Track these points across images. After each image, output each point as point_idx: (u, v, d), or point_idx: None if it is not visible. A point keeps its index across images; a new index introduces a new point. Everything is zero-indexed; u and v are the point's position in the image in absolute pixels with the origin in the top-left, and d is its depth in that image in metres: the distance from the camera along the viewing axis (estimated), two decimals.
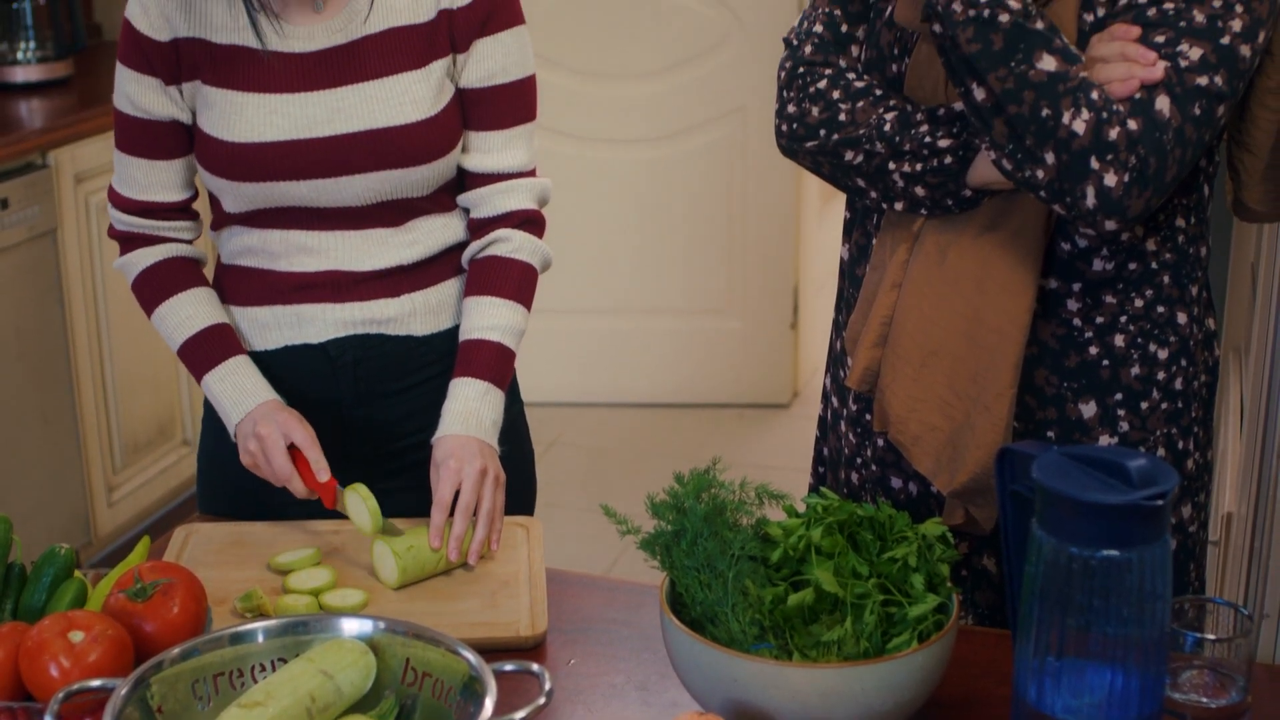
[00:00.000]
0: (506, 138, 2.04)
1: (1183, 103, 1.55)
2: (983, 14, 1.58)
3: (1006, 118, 1.58)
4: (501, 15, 2.00)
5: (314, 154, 1.95)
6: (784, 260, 4.77)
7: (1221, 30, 1.56)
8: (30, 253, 3.48)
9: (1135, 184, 1.55)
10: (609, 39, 4.63)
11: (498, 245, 2.04)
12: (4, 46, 3.98)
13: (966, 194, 1.70)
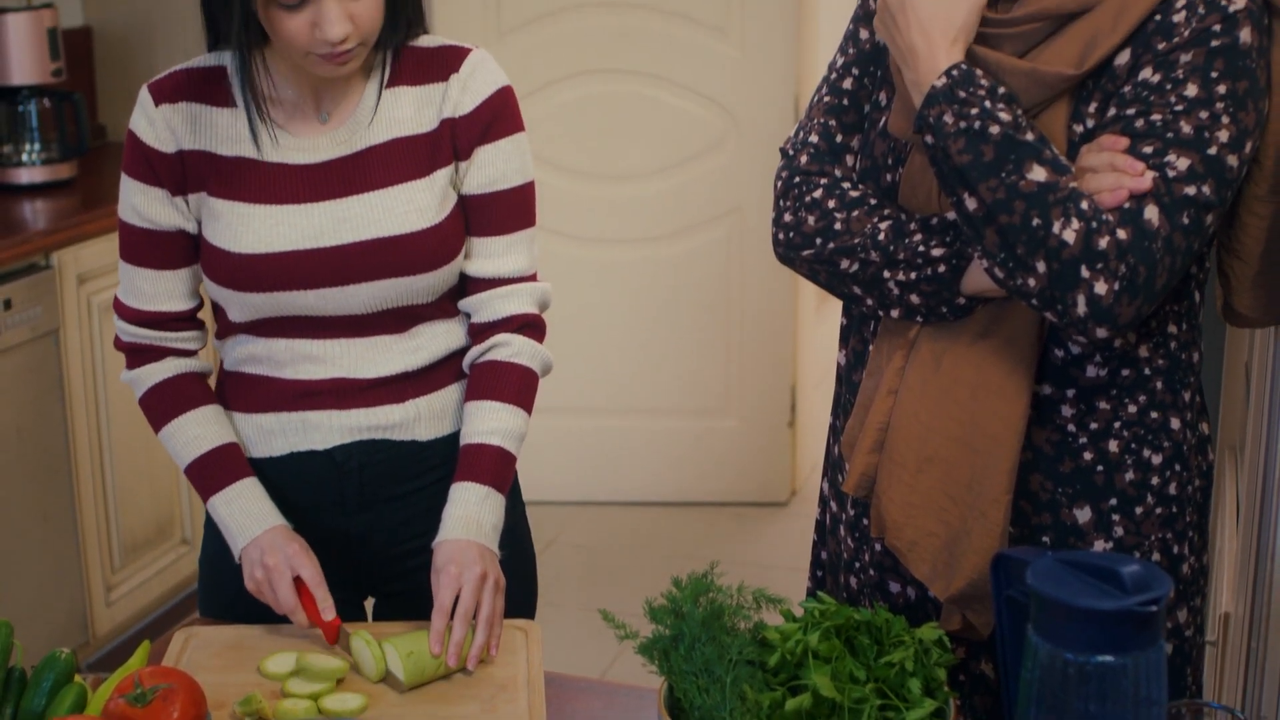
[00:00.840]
0: (508, 243, 2.06)
1: (1171, 212, 1.58)
2: (973, 126, 1.61)
3: (998, 227, 1.60)
4: (502, 123, 2.03)
5: (320, 263, 1.97)
6: (781, 359, 4.79)
7: (1208, 141, 1.59)
8: (32, 352, 3.50)
9: (1125, 292, 1.57)
10: (607, 141, 4.67)
11: (498, 350, 2.06)
12: (9, 148, 4.02)
13: (960, 302, 1.72)
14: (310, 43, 1.86)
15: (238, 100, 1.98)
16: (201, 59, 2.01)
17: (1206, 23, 1.61)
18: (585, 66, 4.63)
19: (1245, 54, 1.61)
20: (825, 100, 1.87)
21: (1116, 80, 1.65)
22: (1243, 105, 1.60)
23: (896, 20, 1.68)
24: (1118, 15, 1.64)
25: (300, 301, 1.98)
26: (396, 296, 2.00)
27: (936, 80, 1.64)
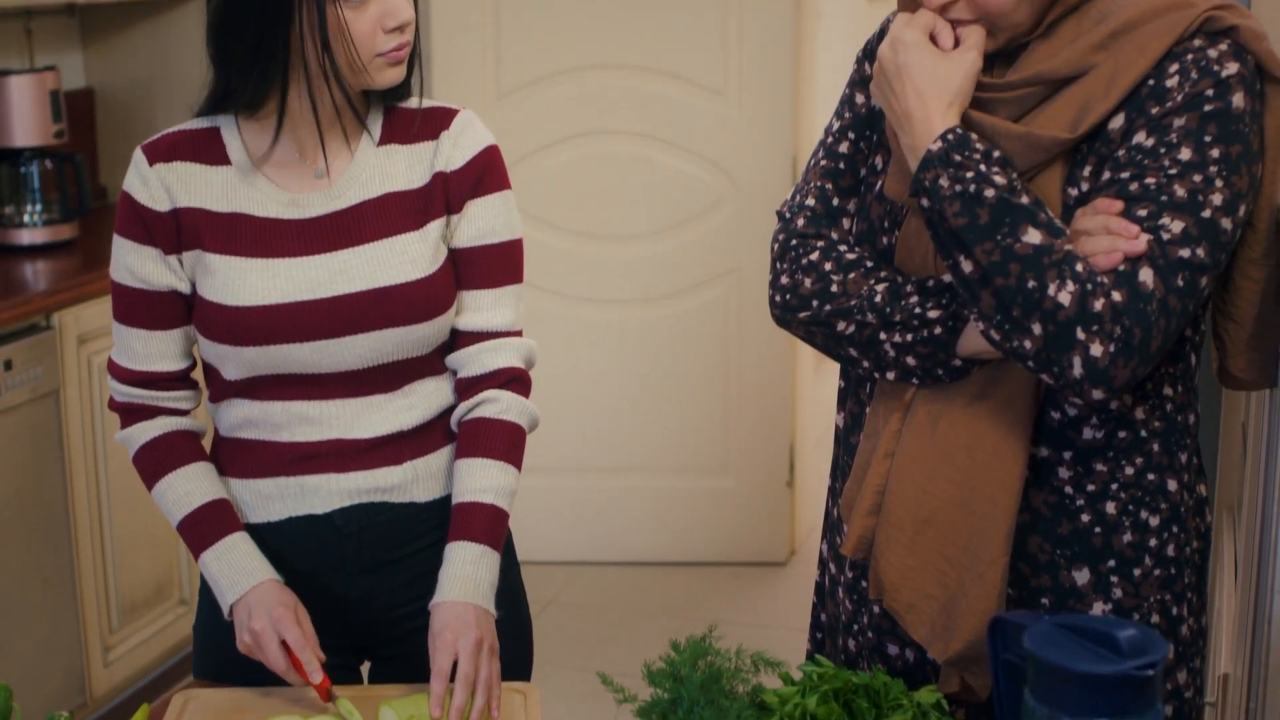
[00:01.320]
0: (496, 296, 2.08)
1: (1166, 274, 1.59)
2: (969, 189, 1.63)
3: (994, 289, 1.61)
4: (491, 179, 2.07)
5: (317, 315, 1.98)
6: (779, 419, 4.80)
7: (1202, 204, 1.61)
8: (32, 413, 3.51)
9: (1121, 354, 1.58)
10: (606, 201, 4.70)
11: (485, 406, 2.07)
12: (11, 209, 4.04)
13: (956, 364, 1.73)
14: (378, 40, 1.93)
15: (231, 157, 2.01)
16: (194, 122, 2.04)
17: (1199, 87, 1.63)
18: (584, 128, 4.65)
19: (1238, 118, 1.63)
20: (822, 164, 1.88)
21: (1111, 144, 1.67)
22: (1236, 169, 1.62)
23: (893, 85, 1.70)
24: (1111, 80, 1.66)
25: (296, 355, 1.99)
26: (392, 349, 2.01)
27: (932, 144, 1.66)
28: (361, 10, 1.92)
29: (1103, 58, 1.67)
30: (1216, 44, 1.65)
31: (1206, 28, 1.66)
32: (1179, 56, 1.65)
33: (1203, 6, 1.66)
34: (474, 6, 4.58)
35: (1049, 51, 1.70)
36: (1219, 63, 1.63)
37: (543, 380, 4.69)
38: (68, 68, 4.48)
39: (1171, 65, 1.64)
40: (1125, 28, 1.66)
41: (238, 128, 2.02)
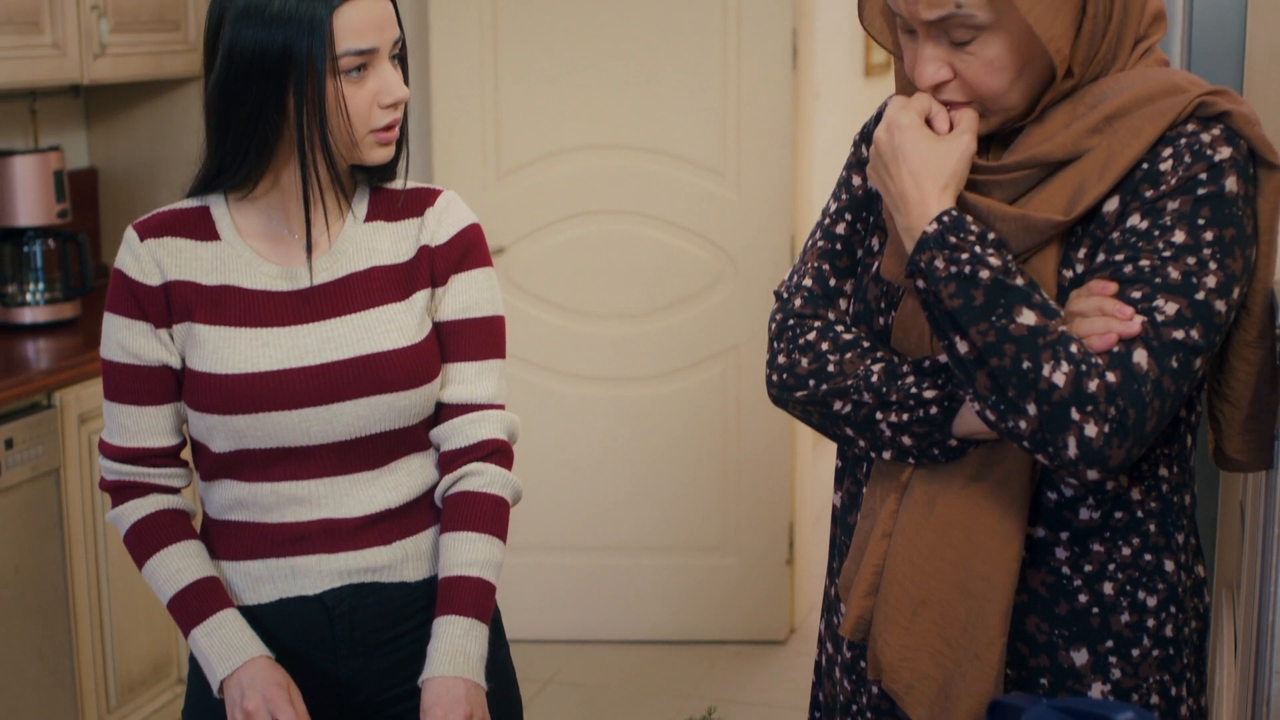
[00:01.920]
0: (479, 369, 2.11)
1: (1160, 356, 1.60)
2: (964, 270, 1.64)
3: (989, 370, 1.62)
4: (474, 255, 2.11)
5: (306, 382, 2.01)
6: (779, 497, 4.80)
7: (1196, 286, 1.62)
8: (32, 492, 3.51)
9: (1115, 435, 1.59)
10: (605, 280, 4.72)
11: (469, 479, 2.09)
12: (13, 288, 4.06)
13: (952, 444, 1.74)
14: (373, 116, 1.98)
15: (221, 233, 2.05)
16: (184, 202, 2.08)
17: (1193, 171, 1.64)
18: (583, 207, 4.69)
19: (1231, 202, 1.64)
20: (819, 245, 1.90)
21: (1105, 227, 1.68)
22: (1229, 252, 1.63)
23: (889, 168, 1.72)
24: (1105, 164, 1.67)
25: (285, 424, 2.00)
26: (380, 418, 2.03)
27: (928, 226, 1.67)
28: (359, 85, 1.96)
29: (1097, 141, 1.68)
30: (1210, 129, 1.66)
31: (1200, 113, 1.68)
32: (1173, 141, 1.66)
33: (1196, 92, 1.68)
34: (474, 85, 4.62)
35: (1043, 135, 1.72)
36: (1212, 147, 1.65)
37: (542, 457, 4.72)
38: (71, 147, 4.52)
39: (1165, 149, 1.66)
40: (1119, 112, 1.68)
41: (227, 205, 2.06)
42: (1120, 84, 1.71)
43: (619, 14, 4.58)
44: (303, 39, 1.92)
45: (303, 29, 1.92)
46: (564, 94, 4.63)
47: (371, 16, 1.97)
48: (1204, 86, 1.69)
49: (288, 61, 1.93)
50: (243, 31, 1.94)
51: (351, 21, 1.94)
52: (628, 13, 4.58)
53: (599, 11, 4.58)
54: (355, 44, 1.95)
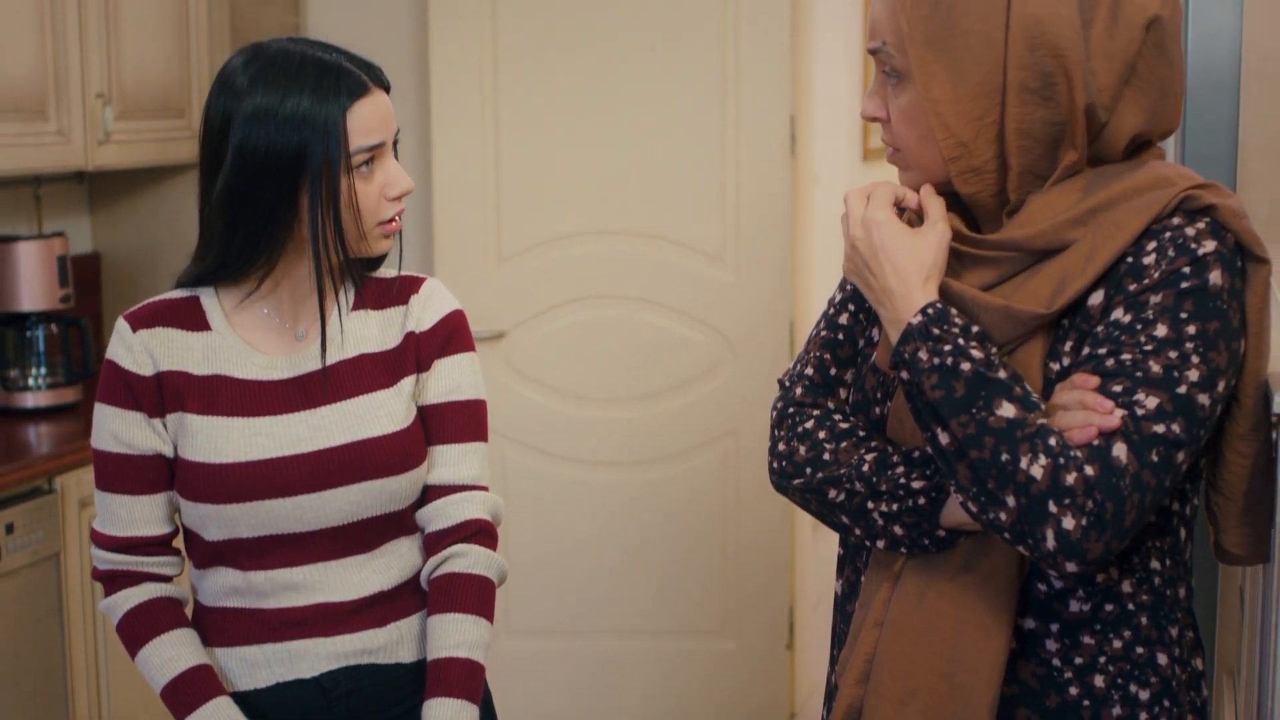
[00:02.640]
0: (462, 451, 2.14)
1: (1140, 450, 1.60)
2: (946, 362, 1.66)
3: (969, 462, 1.63)
4: (457, 340, 2.15)
5: (298, 470, 2.03)
6: (778, 581, 4.79)
7: (1178, 380, 1.62)
8: (32, 577, 3.51)
9: (1093, 528, 1.59)
10: (605, 365, 4.73)
11: (454, 561, 2.10)
12: (15, 373, 4.08)
13: (941, 534, 1.75)
14: (381, 209, 2.02)
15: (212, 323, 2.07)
16: (173, 293, 2.11)
17: (1176, 265, 1.65)
18: (583, 292, 4.71)
19: (1216, 295, 1.64)
20: (822, 334, 1.92)
21: (1090, 320, 1.69)
22: (1214, 345, 1.63)
23: (870, 266, 1.74)
24: (1088, 257, 1.68)
25: (279, 511, 2.02)
26: (371, 503, 2.05)
27: (913, 318, 1.69)
28: (368, 180, 2.00)
29: (1081, 233, 1.69)
30: (1194, 222, 1.67)
31: (1185, 206, 1.68)
32: (1157, 234, 1.67)
33: (1182, 185, 1.68)
34: (474, 171, 4.65)
35: (1027, 219, 1.72)
36: (1196, 241, 1.65)
37: (541, 541, 4.72)
38: (75, 232, 4.55)
39: (1149, 243, 1.67)
40: (1104, 205, 1.69)
41: (217, 296, 2.09)
42: (1108, 176, 1.72)
43: (619, 99, 4.62)
44: (318, 140, 1.96)
45: (318, 130, 1.96)
46: (564, 179, 4.66)
47: (379, 112, 2.02)
48: (1193, 180, 1.69)
49: (302, 161, 1.96)
50: (254, 133, 1.96)
51: (362, 119, 1.99)
52: (628, 98, 4.62)
53: (599, 97, 4.62)
54: (366, 140, 1.99)
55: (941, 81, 1.70)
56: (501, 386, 4.67)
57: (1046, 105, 1.69)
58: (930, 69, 1.71)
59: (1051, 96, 1.68)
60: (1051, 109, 1.69)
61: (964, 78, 1.70)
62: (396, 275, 2.16)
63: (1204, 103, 3.29)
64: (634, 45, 4.61)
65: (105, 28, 4.03)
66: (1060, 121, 1.70)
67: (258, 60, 2.00)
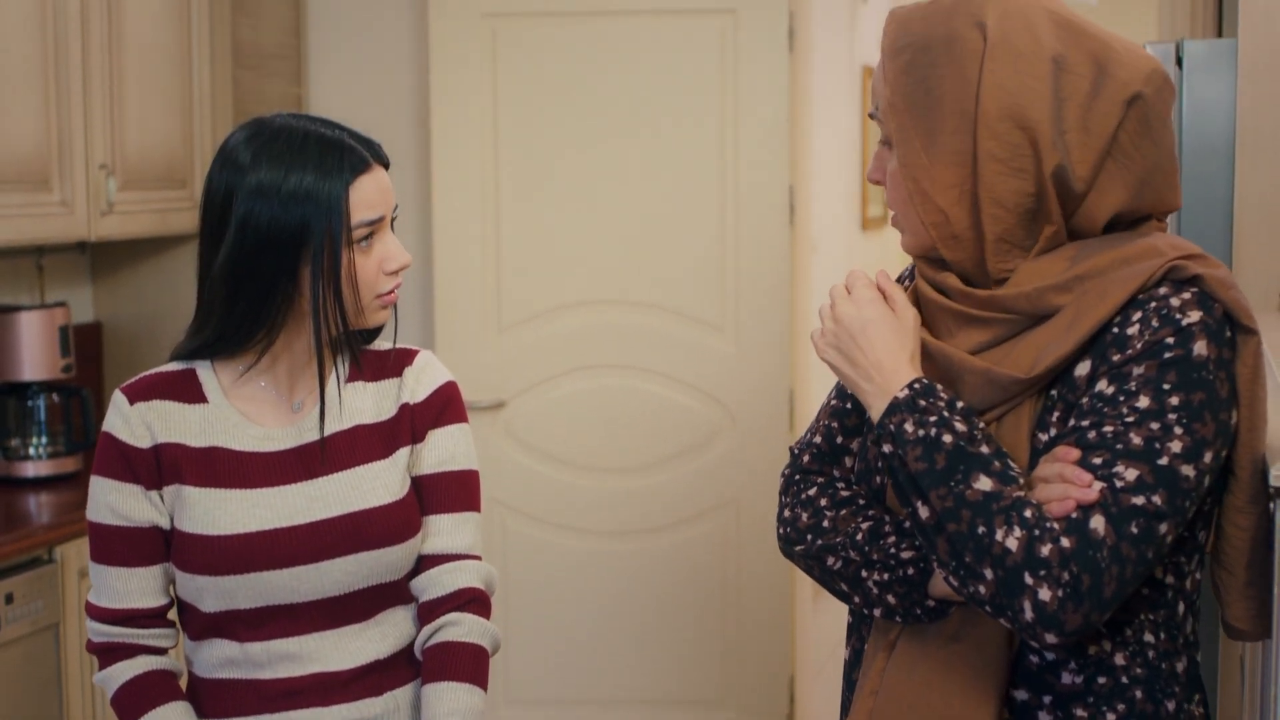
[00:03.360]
0: (455, 521, 2.15)
1: (1118, 522, 1.60)
2: (930, 434, 1.67)
3: (947, 535, 1.64)
4: (452, 411, 2.17)
5: (295, 541, 2.04)
6: (779, 651, 4.78)
7: (1159, 451, 1.62)
8: (31, 647, 3.50)
9: (1070, 600, 1.59)
10: (606, 433, 4.74)
11: (447, 630, 2.11)
12: (16, 442, 4.08)
13: (931, 604, 1.76)
14: (379, 282, 2.04)
15: (208, 395, 2.08)
16: (169, 365, 2.12)
17: (1159, 335, 1.65)
18: (583, 361, 4.72)
19: (1201, 366, 1.64)
20: (832, 404, 1.94)
21: (1077, 390, 1.70)
22: (1198, 416, 1.63)
23: (859, 340, 1.76)
24: (1070, 325, 1.69)
25: (276, 582, 2.02)
26: (367, 573, 2.06)
27: (900, 392, 1.70)
28: (367, 254, 2.02)
29: (1066, 300, 1.70)
30: (1180, 292, 1.67)
31: (1171, 276, 1.68)
32: (1142, 304, 1.67)
33: (1170, 255, 1.68)
34: (475, 241, 4.68)
35: (1015, 282, 1.73)
36: (1181, 311, 1.65)
37: (541, 610, 4.71)
38: (76, 301, 4.56)
39: (1135, 313, 1.67)
40: (1091, 273, 1.70)
41: (213, 369, 2.10)
42: (1098, 245, 1.72)
43: (619, 170, 4.65)
44: (321, 214, 1.99)
45: (321, 205, 1.98)
46: (564, 249, 4.69)
47: (379, 187, 2.04)
48: (1183, 250, 1.69)
49: (304, 236, 1.99)
50: (257, 207, 1.98)
51: (364, 195, 2.01)
52: (627, 169, 4.65)
53: (599, 167, 4.66)
54: (367, 215, 2.02)
55: (917, 149, 1.73)
56: (502, 456, 4.68)
57: (1017, 176, 1.71)
58: (908, 136, 1.74)
59: (1022, 168, 1.70)
60: (1022, 180, 1.71)
61: (938, 146, 1.73)
62: (391, 348, 2.17)
63: (1199, 175, 3.32)
64: (634, 117, 4.64)
65: (109, 99, 4.06)
66: (1033, 193, 1.71)
67: (261, 135, 2.02)
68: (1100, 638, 1.72)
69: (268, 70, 4.76)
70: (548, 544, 4.76)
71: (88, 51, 3.97)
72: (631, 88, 4.64)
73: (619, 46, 4.64)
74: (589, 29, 4.64)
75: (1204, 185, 3.32)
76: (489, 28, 4.64)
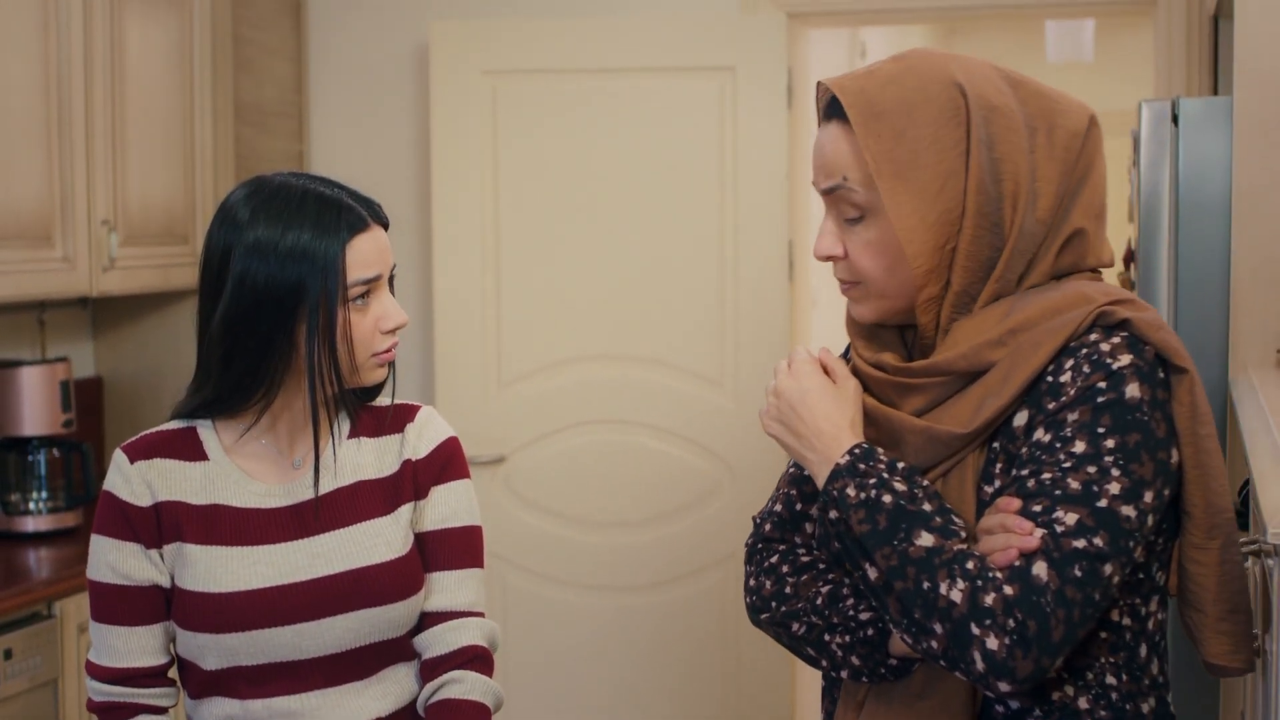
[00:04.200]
0: (459, 578, 2.15)
1: (1061, 566, 1.62)
2: (871, 495, 1.69)
3: (896, 594, 1.66)
4: (454, 467, 2.17)
5: (298, 598, 2.04)
6: (778, 706, 4.77)
7: (1097, 494, 1.64)
8: (30, 703, 3.50)
9: (1018, 646, 1.60)
10: (605, 488, 4.75)
11: (450, 687, 2.11)
12: (16, 496, 4.08)
13: (893, 663, 1.77)
14: (375, 340, 2.05)
15: (209, 453, 2.09)
16: (169, 424, 2.12)
17: (1091, 381, 1.67)
18: (582, 416, 4.73)
19: (1135, 407, 1.67)
20: (791, 471, 1.96)
21: (1016, 441, 1.72)
22: (1135, 457, 1.66)
23: (799, 410, 1.78)
24: (1005, 377, 1.72)
25: (278, 640, 2.02)
26: (369, 630, 2.06)
27: (841, 458, 1.73)
28: (363, 313, 2.02)
29: (1001, 354, 1.73)
30: (1110, 337, 1.70)
31: (1101, 322, 1.71)
32: (1074, 352, 1.70)
33: (1100, 301, 1.72)
34: (475, 297, 4.70)
35: (951, 342, 1.76)
36: (1112, 355, 1.68)
37: (540, 665, 4.70)
38: (77, 356, 4.58)
39: (1067, 360, 1.70)
40: (1023, 326, 1.73)
41: (214, 427, 2.10)
42: (1030, 298, 1.75)
43: (619, 225, 4.68)
44: (317, 273, 1.99)
45: (317, 263, 1.99)
46: (563, 305, 4.71)
47: (377, 246, 2.05)
48: (1113, 296, 1.73)
49: (301, 295, 1.99)
50: (254, 265, 1.99)
51: (361, 254, 2.02)
52: (627, 224, 4.68)
53: (599, 223, 4.68)
54: (363, 274, 2.02)
55: (909, 212, 1.75)
56: (502, 510, 4.68)
57: (993, 232, 1.74)
58: (899, 199, 1.75)
59: (998, 222, 1.74)
60: (996, 235, 1.75)
61: (929, 207, 1.75)
62: (391, 404, 2.18)
63: (1196, 232, 3.33)
64: (633, 173, 4.67)
65: (111, 155, 4.08)
66: (1000, 247, 1.75)
67: (260, 194, 2.03)
68: (1062, 683, 1.73)
69: (269, 127, 4.79)
70: (547, 599, 4.76)
71: (90, 108, 4.00)
72: (631, 144, 4.66)
73: (618, 103, 4.67)
74: (588, 86, 4.67)
75: (1200, 242, 3.34)
76: (489, 85, 4.68)
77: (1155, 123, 3.36)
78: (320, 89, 4.94)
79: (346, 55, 4.94)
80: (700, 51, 4.64)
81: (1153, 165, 3.36)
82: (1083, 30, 7.54)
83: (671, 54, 4.65)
